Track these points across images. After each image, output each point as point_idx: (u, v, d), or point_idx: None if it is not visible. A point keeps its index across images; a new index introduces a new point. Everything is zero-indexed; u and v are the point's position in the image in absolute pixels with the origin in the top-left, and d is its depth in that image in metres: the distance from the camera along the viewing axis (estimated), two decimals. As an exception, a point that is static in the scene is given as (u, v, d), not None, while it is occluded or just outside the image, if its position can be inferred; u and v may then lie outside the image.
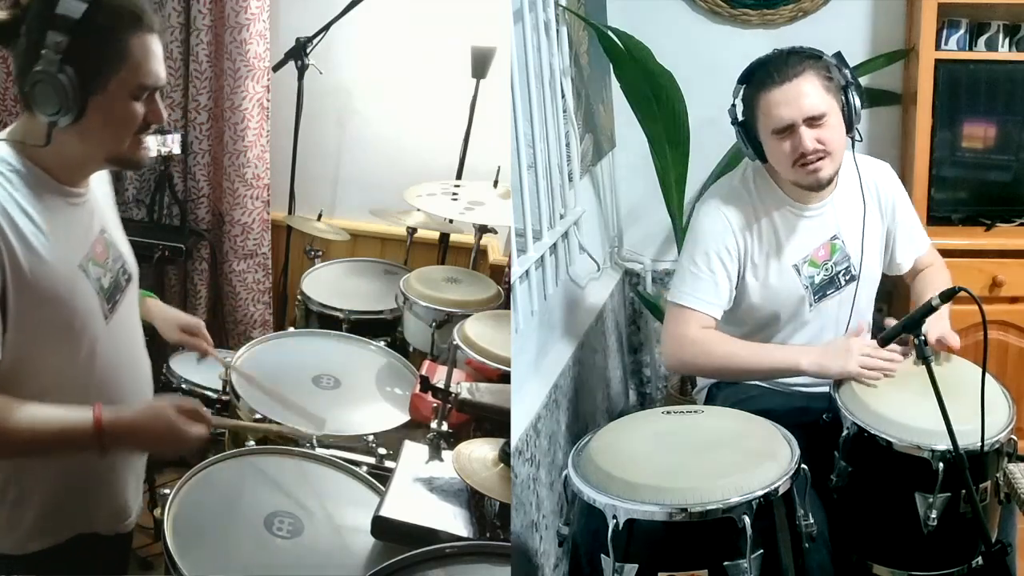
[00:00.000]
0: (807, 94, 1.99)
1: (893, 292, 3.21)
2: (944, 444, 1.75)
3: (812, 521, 1.73)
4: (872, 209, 2.21)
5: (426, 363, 2.22)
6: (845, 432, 1.92)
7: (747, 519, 1.58)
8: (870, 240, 2.19)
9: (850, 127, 2.05)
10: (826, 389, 2.05)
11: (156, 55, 1.50)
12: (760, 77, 2.02)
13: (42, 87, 1.43)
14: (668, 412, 1.93)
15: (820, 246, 2.17)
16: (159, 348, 3.15)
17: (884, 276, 2.35)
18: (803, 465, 1.71)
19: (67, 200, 1.55)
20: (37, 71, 1.42)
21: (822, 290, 2.18)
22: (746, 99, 2.07)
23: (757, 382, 2.25)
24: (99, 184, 1.68)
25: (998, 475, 1.91)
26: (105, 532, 1.72)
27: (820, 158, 2.02)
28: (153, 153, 3.08)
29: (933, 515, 1.83)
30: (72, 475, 1.61)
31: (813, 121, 1.99)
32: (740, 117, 2.10)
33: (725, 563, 1.60)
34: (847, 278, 2.19)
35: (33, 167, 1.50)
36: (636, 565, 1.61)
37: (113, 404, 1.52)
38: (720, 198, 2.16)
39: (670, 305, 2.15)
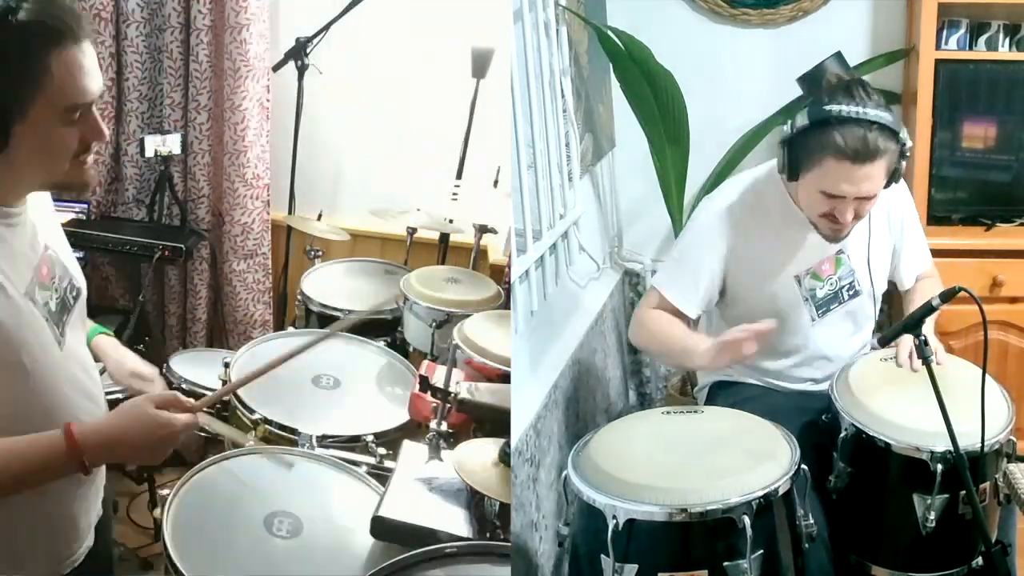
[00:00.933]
0: (872, 179, 1.91)
1: (893, 292, 3.21)
2: (942, 445, 1.75)
3: (812, 521, 1.73)
4: (881, 225, 2.18)
5: (425, 363, 2.22)
6: (844, 433, 1.92)
7: (747, 519, 1.58)
8: (877, 256, 2.18)
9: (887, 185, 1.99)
10: (825, 389, 2.05)
11: (85, 68, 1.32)
12: (836, 141, 1.87)
13: None
14: (668, 412, 1.93)
15: (825, 260, 2.14)
16: (156, 349, 3.16)
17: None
18: (803, 465, 1.71)
19: (6, 221, 1.38)
20: None
21: (826, 304, 2.16)
22: (810, 141, 1.92)
23: (758, 381, 2.25)
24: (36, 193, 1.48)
25: (997, 476, 1.91)
26: (67, 569, 1.54)
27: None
28: (152, 152, 3.12)
29: (931, 516, 1.83)
30: (15, 522, 1.44)
31: (864, 199, 1.96)
32: (792, 136, 1.95)
33: (725, 563, 1.60)
34: (851, 293, 2.17)
35: None
36: (636, 565, 1.61)
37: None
38: (726, 201, 2.12)
39: (652, 287, 2.18)
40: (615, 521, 1.61)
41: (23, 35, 1.26)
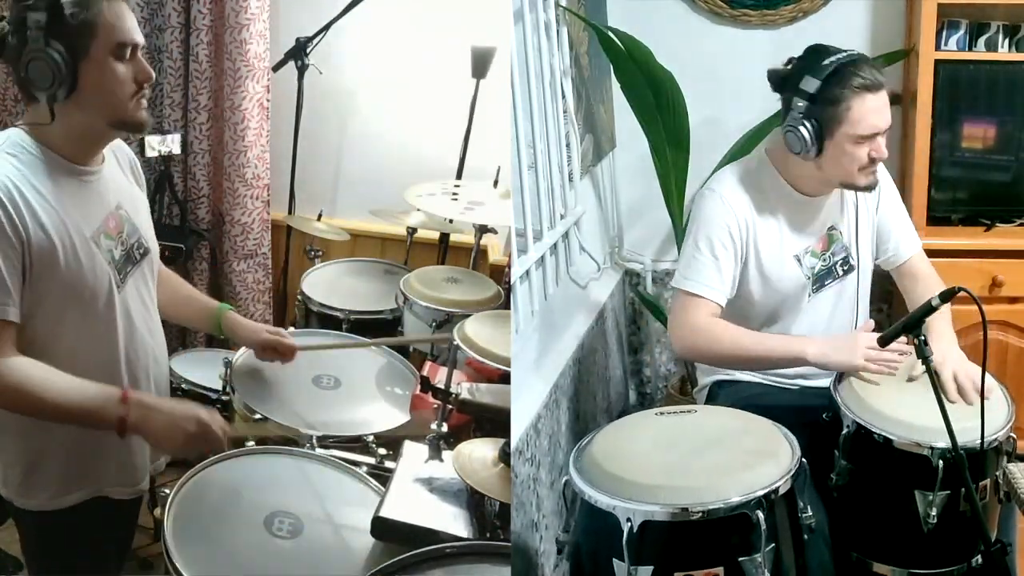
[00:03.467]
0: (887, 106, 2.03)
1: (893, 292, 3.21)
2: (944, 442, 1.75)
3: (811, 513, 1.74)
4: (864, 199, 2.22)
5: (428, 364, 2.22)
6: (845, 430, 1.92)
7: (760, 514, 1.59)
8: (864, 231, 2.22)
9: None
10: (826, 386, 2.06)
11: (128, 16, 1.62)
12: (852, 79, 1.97)
13: (35, 64, 1.56)
14: (662, 413, 1.92)
15: (821, 236, 2.18)
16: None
17: (884, 276, 2.36)
18: (803, 459, 1.72)
19: (80, 178, 1.66)
20: (29, 50, 1.55)
21: (820, 280, 2.19)
22: (829, 95, 1.97)
23: (758, 379, 2.26)
24: (117, 165, 1.80)
25: (997, 473, 1.91)
26: (118, 496, 1.82)
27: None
28: (153, 152, 3.12)
29: (933, 513, 1.83)
30: (87, 440, 1.71)
31: (885, 133, 2.04)
32: (809, 104, 2.00)
33: (740, 559, 1.60)
34: (845, 268, 2.21)
35: (46, 149, 1.61)
36: (651, 567, 1.61)
37: (130, 365, 1.75)
38: (723, 186, 2.14)
39: (676, 292, 2.15)
40: (630, 524, 1.60)
41: None
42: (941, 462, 1.80)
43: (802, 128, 2.00)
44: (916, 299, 2.22)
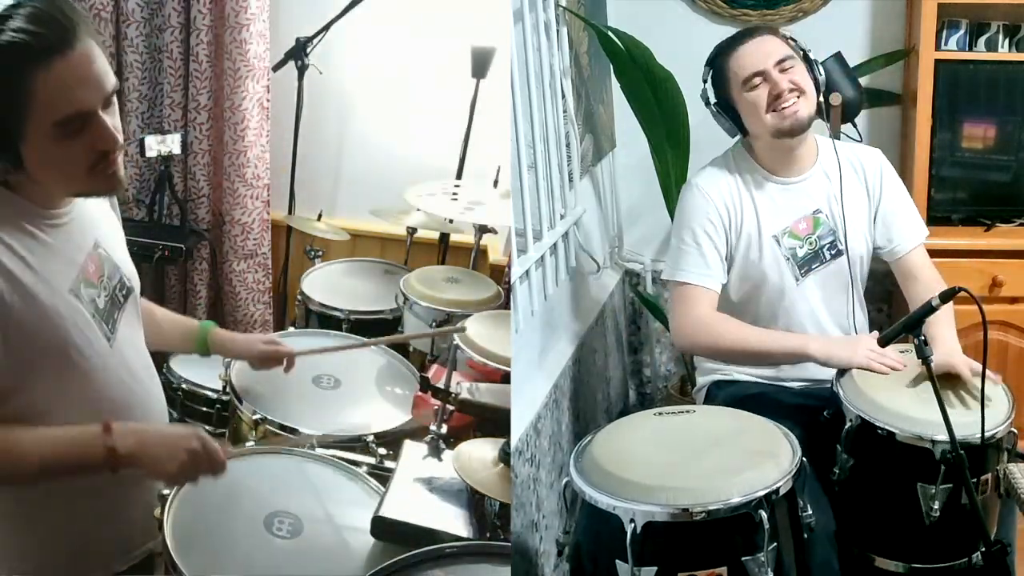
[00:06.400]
0: (765, 45, 2.14)
1: (893, 292, 3.21)
2: (946, 434, 1.75)
3: (810, 511, 1.74)
4: (857, 188, 2.23)
5: (434, 367, 2.22)
6: (848, 424, 1.93)
7: (763, 513, 1.59)
8: (855, 216, 2.22)
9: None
10: (827, 385, 2.06)
11: (77, 79, 1.31)
12: (719, 45, 2.19)
13: None
14: (660, 413, 1.92)
15: (801, 219, 2.20)
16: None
17: (884, 275, 2.36)
18: (803, 457, 1.72)
19: (50, 223, 1.46)
20: None
21: (807, 264, 2.20)
22: (717, 79, 2.21)
23: (757, 379, 2.26)
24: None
25: (998, 468, 1.91)
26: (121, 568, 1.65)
27: (797, 97, 2.11)
28: (153, 152, 3.11)
29: (935, 506, 1.84)
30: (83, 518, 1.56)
31: (782, 70, 2.11)
32: (712, 98, 2.23)
33: (744, 558, 1.60)
34: (833, 252, 2.21)
35: (15, 197, 1.42)
36: (655, 568, 1.60)
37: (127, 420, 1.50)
38: (701, 178, 2.23)
39: (672, 284, 2.18)
40: (633, 525, 1.60)
41: (3, 58, 1.27)
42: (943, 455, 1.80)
43: (721, 117, 2.21)
44: (915, 300, 2.20)
